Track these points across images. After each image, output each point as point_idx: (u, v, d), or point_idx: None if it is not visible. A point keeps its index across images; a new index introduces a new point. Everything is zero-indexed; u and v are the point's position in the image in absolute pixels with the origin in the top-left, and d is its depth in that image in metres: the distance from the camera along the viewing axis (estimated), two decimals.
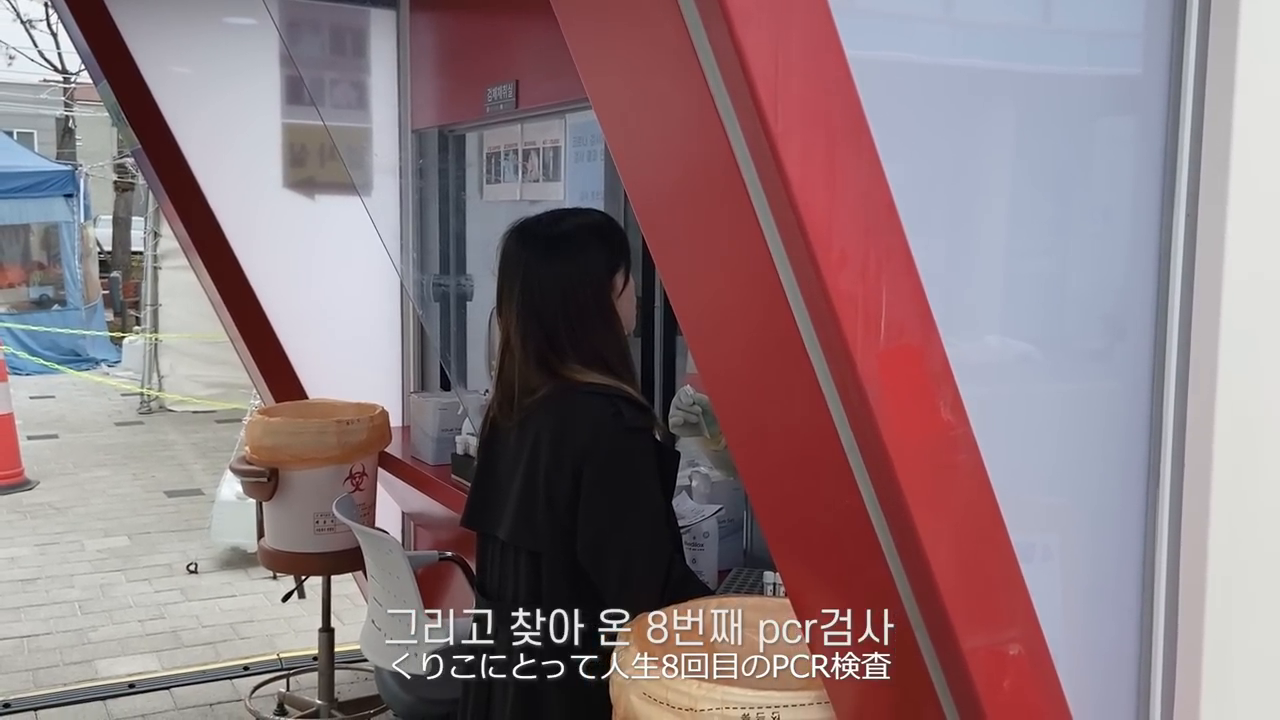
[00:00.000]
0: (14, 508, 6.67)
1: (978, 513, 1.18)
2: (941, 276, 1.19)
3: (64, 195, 12.29)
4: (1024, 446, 1.33)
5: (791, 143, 1.05)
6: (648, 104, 1.26)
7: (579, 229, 2.06)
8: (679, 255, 1.33)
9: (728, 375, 1.37)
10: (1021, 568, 1.23)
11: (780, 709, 1.49)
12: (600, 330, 1.99)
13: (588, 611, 1.95)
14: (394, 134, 4.10)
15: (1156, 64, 1.35)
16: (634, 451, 1.93)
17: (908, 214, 1.13)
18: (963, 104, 1.28)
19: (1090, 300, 1.41)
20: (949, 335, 1.17)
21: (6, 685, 4.21)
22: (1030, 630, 1.22)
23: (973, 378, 1.21)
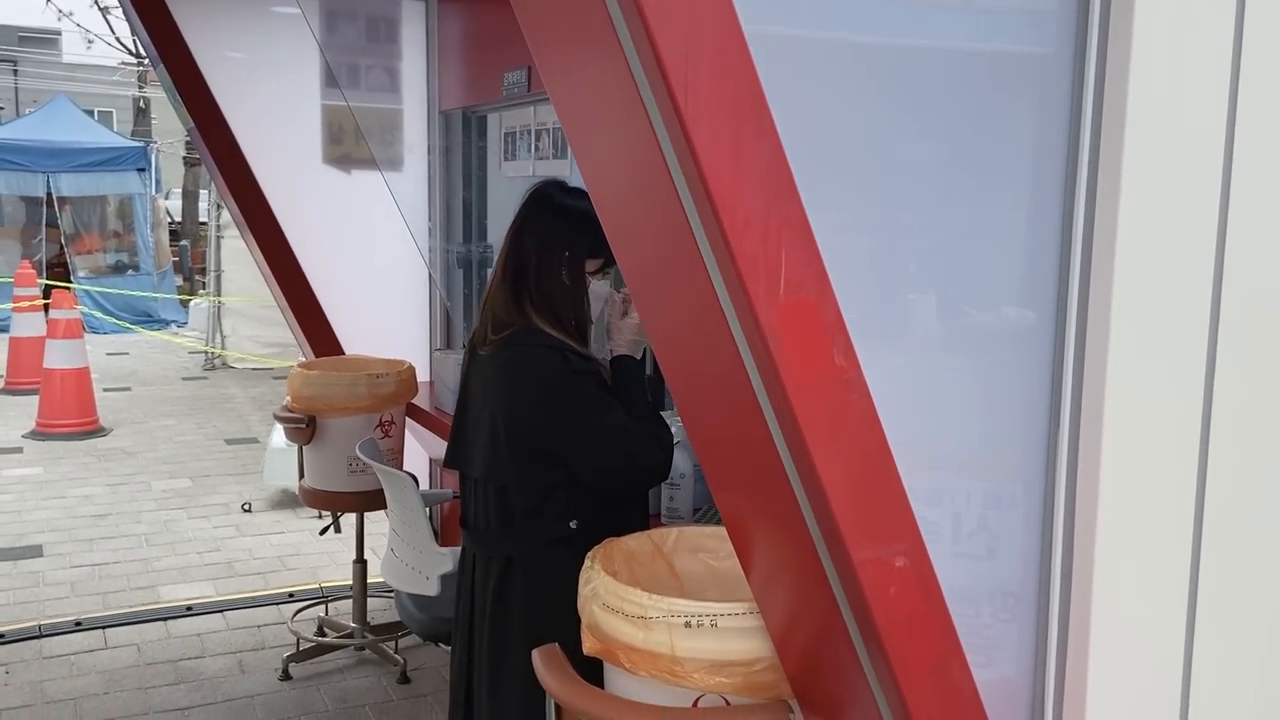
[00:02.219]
0: (90, 452, 6.89)
1: (867, 445, 1.28)
2: (841, 241, 1.27)
3: (137, 169, 12.49)
4: (926, 400, 1.40)
5: (700, 126, 1.14)
6: (588, 94, 1.35)
7: (587, 212, 2.15)
8: (621, 228, 1.43)
9: (664, 330, 1.47)
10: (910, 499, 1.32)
11: (718, 617, 1.60)
12: (563, 291, 2.19)
13: (549, 532, 2.06)
14: (423, 115, 4.19)
15: (1064, 43, 1.39)
16: (584, 385, 2.12)
17: (810, 185, 1.22)
18: (866, 78, 1.32)
19: (994, 268, 1.47)
20: (848, 294, 1.26)
21: (80, 606, 4.40)
22: (915, 547, 1.31)
23: (875, 333, 1.30)
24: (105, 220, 12.73)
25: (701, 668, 1.60)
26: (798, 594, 1.48)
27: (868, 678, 1.37)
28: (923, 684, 1.34)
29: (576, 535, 2.10)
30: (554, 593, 2.10)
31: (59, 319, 7.51)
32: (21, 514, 5.59)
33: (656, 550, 1.96)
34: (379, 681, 3.80)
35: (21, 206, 12.44)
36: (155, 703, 3.60)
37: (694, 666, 1.60)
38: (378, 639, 3.99)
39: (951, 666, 1.37)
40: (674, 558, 1.97)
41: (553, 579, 2.12)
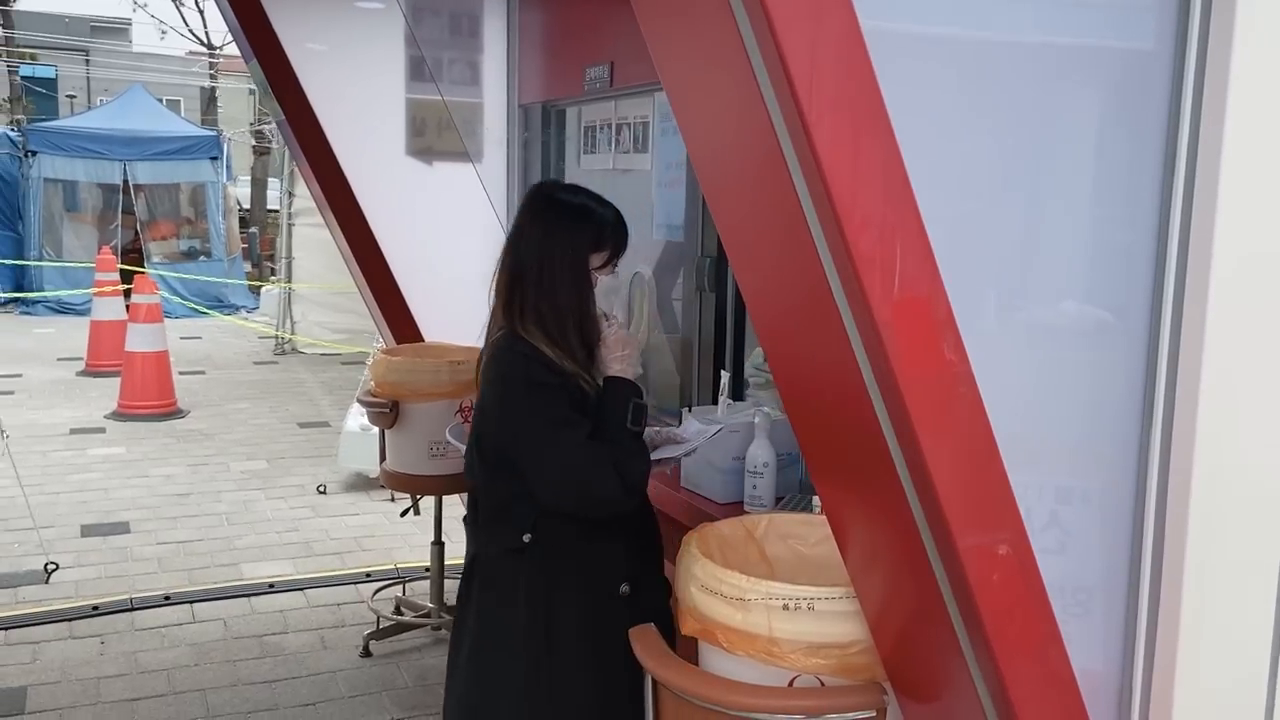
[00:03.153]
0: (169, 433, 7.12)
1: (974, 437, 1.33)
2: (951, 237, 1.32)
3: (210, 158, 12.81)
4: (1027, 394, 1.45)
5: (822, 129, 1.20)
6: (708, 92, 1.41)
7: (584, 208, 2.15)
8: (734, 221, 1.49)
9: (774, 323, 1.53)
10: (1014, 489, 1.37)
11: (815, 600, 1.67)
12: (559, 294, 2.06)
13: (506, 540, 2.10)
14: (503, 108, 4.28)
15: (1164, 39, 1.41)
16: (544, 399, 2.01)
17: (923, 184, 1.27)
18: (975, 74, 1.36)
19: (1092, 264, 1.51)
20: (957, 289, 1.31)
21: (168, 581, 4.58)
22: (1017, 536, 1.36)
23: (985, 331, 1.35)
24: (178, 207, 13.06)
25: (798, 649, 1.66)
26: (897, 579, 1.53)
27: (967, 662, 1.42)
28: (1022, 669, 1.39)
29: (530, 548, 2.07)
30: (500, 601, 2.11)
31: (140, 304, 7.75)
32: (108, 491, 5.82)
33: (748, 536, 2.03)
34: None
35: (99, 193, 12.81)
36: (243, 675, 3.75)
37: (790, 648, 1.67)
38: None
39: (1050, 653, 1.42)
40: (765, 543, 2.04)
41: (501, 587, 2.12)
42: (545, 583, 2.08)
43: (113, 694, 3.58)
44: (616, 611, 2.08)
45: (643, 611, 2.03)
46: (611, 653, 2.03)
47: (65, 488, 5.85)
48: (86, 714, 3.44)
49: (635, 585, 2.12)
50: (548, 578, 2.08)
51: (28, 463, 5.57)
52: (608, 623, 2.06)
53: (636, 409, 2.05)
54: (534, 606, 2.08)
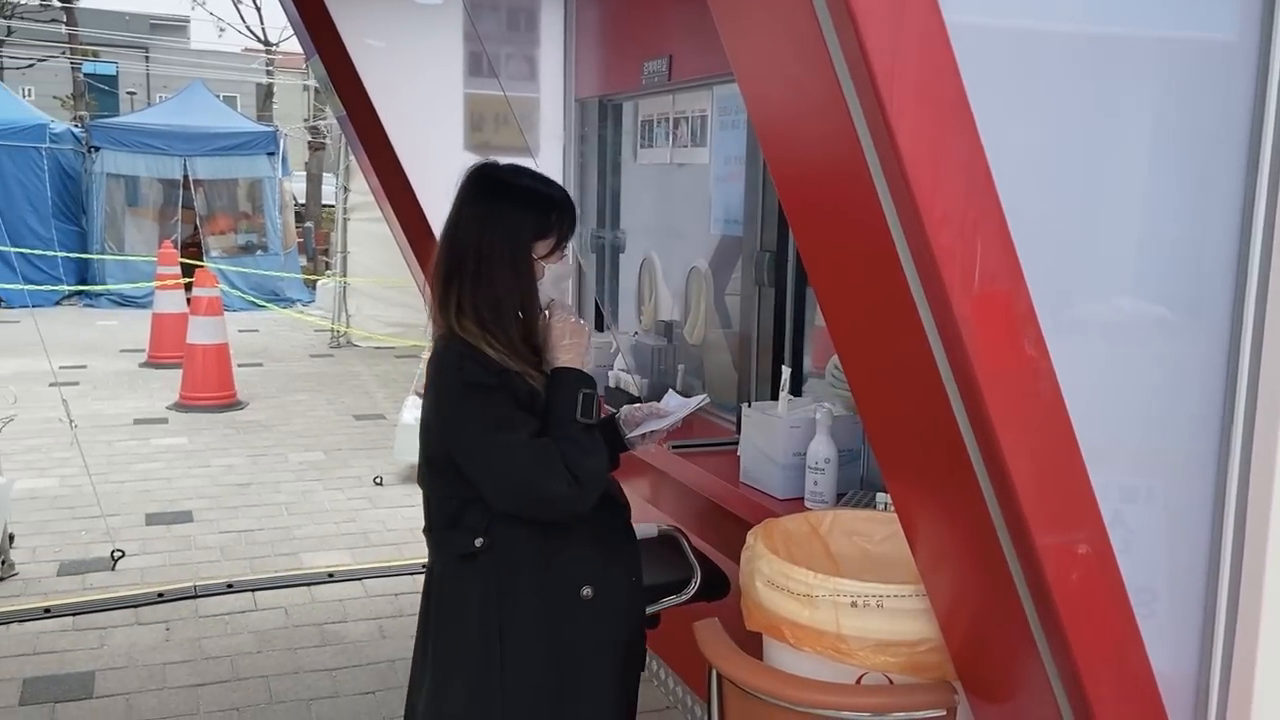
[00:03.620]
0: (229, 424, 7.25)
1: (1054, 434, 1.31)
2: (1033, 232, 1.30)
3: (267, 153, 13.00)
4: (1108, 392, 1.43)
5: (904, 122, 1.19)
6: (785, 86, 1.40)
7: (526, 190, 1.98)
8: (808, 215, 1.48)
9: (847, 319, 1.52)
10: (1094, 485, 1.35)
11: (884, 597, 1.66)
12: (497, 286, 1.91)
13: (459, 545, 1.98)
14: (559, 103, 4.29)
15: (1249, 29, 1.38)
16: (479, 399, 1.88)
17: (1005, 179, 1.25)
18: (1058, 66, 1.35)
19: (1174, 262, 1.48)
20: (1039, 284, 1.29)
21: (230, 570, 4.66)
22: (1097, 535, 1.34)
23: (1065, 327, 1.33)
24: (236, 202, 13.27)
25: (866, 646, 1.66)
26: (970, 577, 1.52)
27: (1043, 662, 1.40)
28: (1101, 670, 1.37)
29: (483, 553, 1.94)
30: (453, 615, 2.00)
31: (201, 297, 7.89)
32: (171, 481, 5.93)
33: (813, 532, 2.02)
34: None
35: (160, 188, 13.06)
36: (304, 663, 3.81)
37: (858, 645, 1.66)
38: None
39: (1130, 654, 1.39)
40: (830, 540, 2.03)
41: (454, 594, 2.00)
42: (499, 589, 1.95)
43: (178, 679, 3.65)
44: (577, 616, 1.96)
45: (610, 615, 1.98)
46: (570, 662, 1.96)
47: (130, 477, 5.97)
48: (152, 699, 3.51)
49: (600, 588, 1.97)
50: (501, 583, 1.95)
51: (94, 452, 5.70)
52: (566, 628, 1.96)
53: (586, 400, 1.92)
54: (486, 617, 1.95)
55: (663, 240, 3.96)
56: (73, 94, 21.59)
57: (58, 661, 3.73)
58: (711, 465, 2.85)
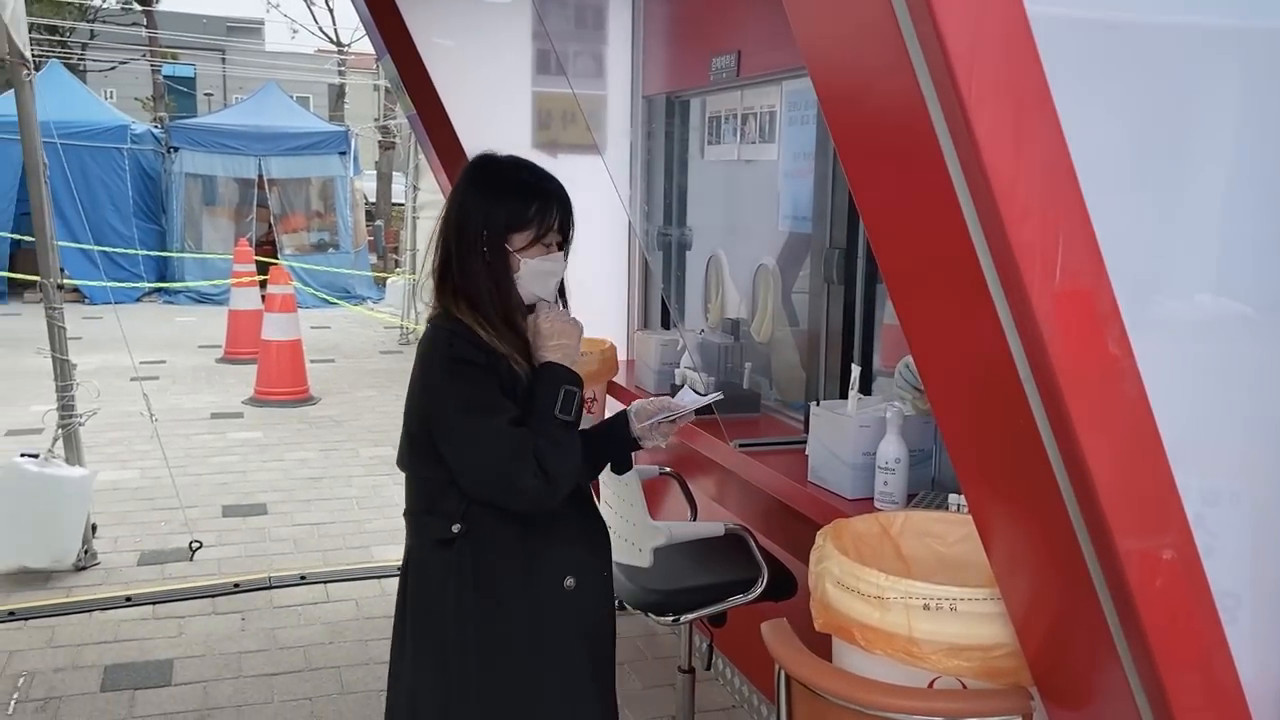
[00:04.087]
0: (302, 419, 7.39)
1: (1138, 436, 1.27)
2: (1117, 227, 1.26)
3: (338, 153, 13.23)
4: (1196, 393, 1.38)
5: (982, 113, 1.16)
6: (860, 80, 1.38)
7: (508, 182, 1.98)
8: (881, 210, 1.45)
9: (921, 316, 1.49)
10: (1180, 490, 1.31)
11: (958, 601, 1.62)
12: (479, 269, 1.93)
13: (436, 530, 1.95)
14: (626, 100, 4.30)
15: None
16: (465, 376, 1.88)
17: (1088, 172, 1.22)
18: (1145, 58, 1.31)
19: (1259, 259, 1.42)
20: (1123, 281, 1.25)
21: (303, 562, 4.75)
22: (1183, 539, 1.30)
23: (1149, 325, 1.29)
24: (309, 201, 13.53)
25: (939, 650, 1.63)
26: (1049, 582, 1.48)
27: (1124, 669, 1.36)
28: (1186, 678, 1.32)
29: (460, 539, 1.92)
30: (428, 594, 1.98)
31: (275, 294, 8.06)
32: (246, 474, 6.07)
33: (884, 533, 1.99)
34: None
35: (235, 188, 13.37)
36: (374, 655, 3.87)
37: (931, 648, 1.63)
38: None
39: (1216, 662, 1.35)
40: (901, 541, 2.00)
41: (430, 580, 1.98)
42: (475, 577, 1.93)
43: (253, 668, 3.73)
44: (560, 607, 1.96)
45: (589, 606, 1.99)
46: (551, 651, 1.95)
47: (207, 470, 6.12)
48: (228, 687, 3.59)
49: (580, 580, 1.99)
50: (479, 571, 1.93)
51: (173, 445, 5.85)
52: (549, 618, 1.95)
53: (568, 396, 1.89)
54: (462, 605, 1.93)
55: (730, 237, 3.94)
56: (152, 96, 22.21)
57: (138, 649, 3.84)
58: (779, 464, 2.83)
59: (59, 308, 4.55)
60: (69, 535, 4.46)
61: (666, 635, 3.94)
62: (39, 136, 4.38)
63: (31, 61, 4.40)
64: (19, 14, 4.14)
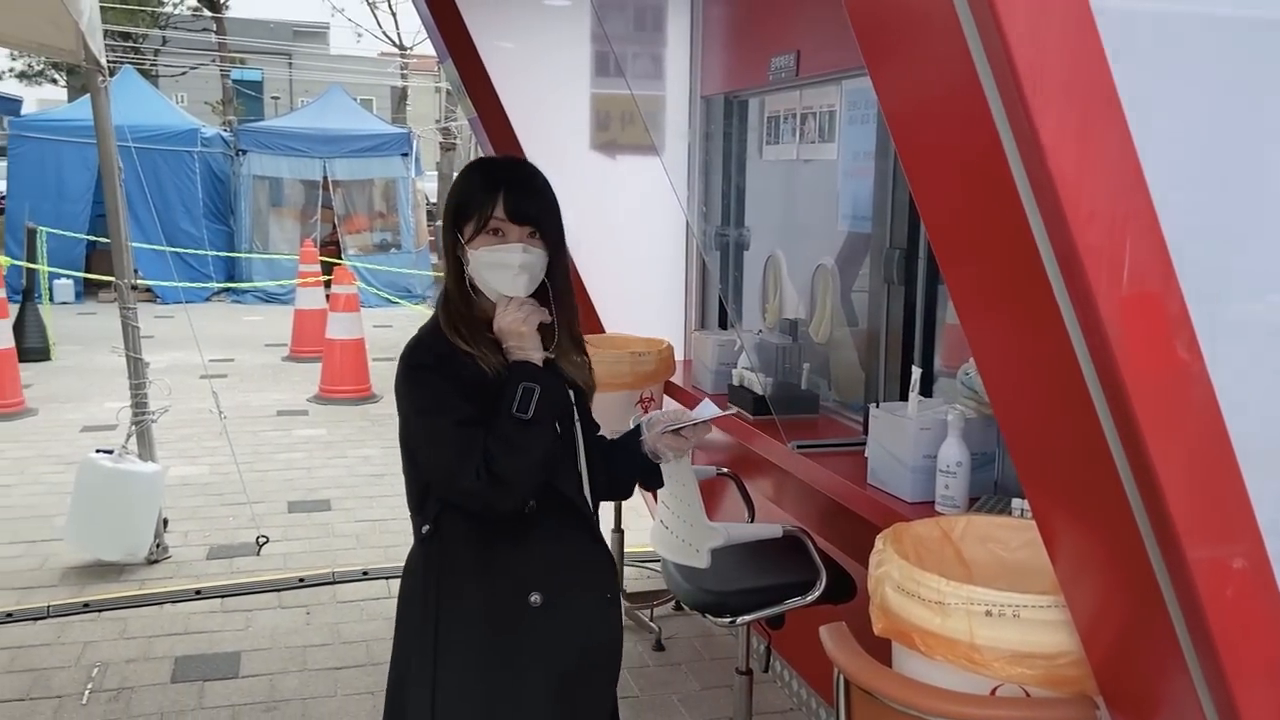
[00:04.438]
0: (364, 416, 7.51)
1: (1208, 443, 1.24)
2: (1187, 230, 1.23)
3: (401, 154, 13.41)
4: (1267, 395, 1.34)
5: (1048, 115, 1.14)
6: (921, 79, 1.37)
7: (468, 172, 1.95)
8: (942, 211, 1.44)
9: (984, 319, 1.47)
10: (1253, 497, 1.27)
11: (1021, 608, 1.60)
12: (448, 269, 1.94)
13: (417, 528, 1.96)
14: (684, 100, 4.29)
15: None
16: (410, 382, 1.87)
17: (1156, 173, 1.19)
18: (1218, 54, 1.27)
19: None
20: (1193, 286, 1.22)
21: (365, 557, 4.83)
22: (1254, 548, 1.26)
23: (1220, 329, 1.25)
24: (372, 201, 13.73)
25: (1001, 657, 1.60)
26: (1115, 590, 1.45)
27: (1193, 680, 1.33)
28: (1257, 689, 1.29)
29: (429, 539, 1.92)
30: (406, 589, 2.00)
31: (339, 293, 8.19)
32: (311, 470, 6.18)
33: (945, 537, 1.97)
34: (634, 647, 3.96)
35: (301, 189, 13.62)
36: None
37: (993, 655, 1.61)
38: (634, 606, 4.15)
39: None
40: (962, 545, 1.97)
41: (408, 575, 2.00)
42: (439, 581, 1.90)
43: (318, 662, 3.80)
44: (524, 624, 1.88)
45: (565, 630, 1.90)
46: (509, 670, 1.88)
47: (273, 466, 6.25)
48: (294, 680, 3.66)
49: (552, 598, 1.89)
50: (442, 576, 1.90)
51: (241, 442, 5.97)
52: (507, 635, 1.88)
53: (525, 393, 1.82)
54: (428, 607, 1.91)
55: (788, 237, 3.92)
56: (221, 100, 22.70)
57: (207, 641, 3.93)
58: (837, 466, 2.81)
59: (133, 307, 4.67)
60: (142, 529, 4.58)
61: (724, 636, 3.93)
62: (114, 141, 4.51)
63: (106, 68, 4.53)
64: (94, 22, 4.26)
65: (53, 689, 3.54)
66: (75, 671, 3.66)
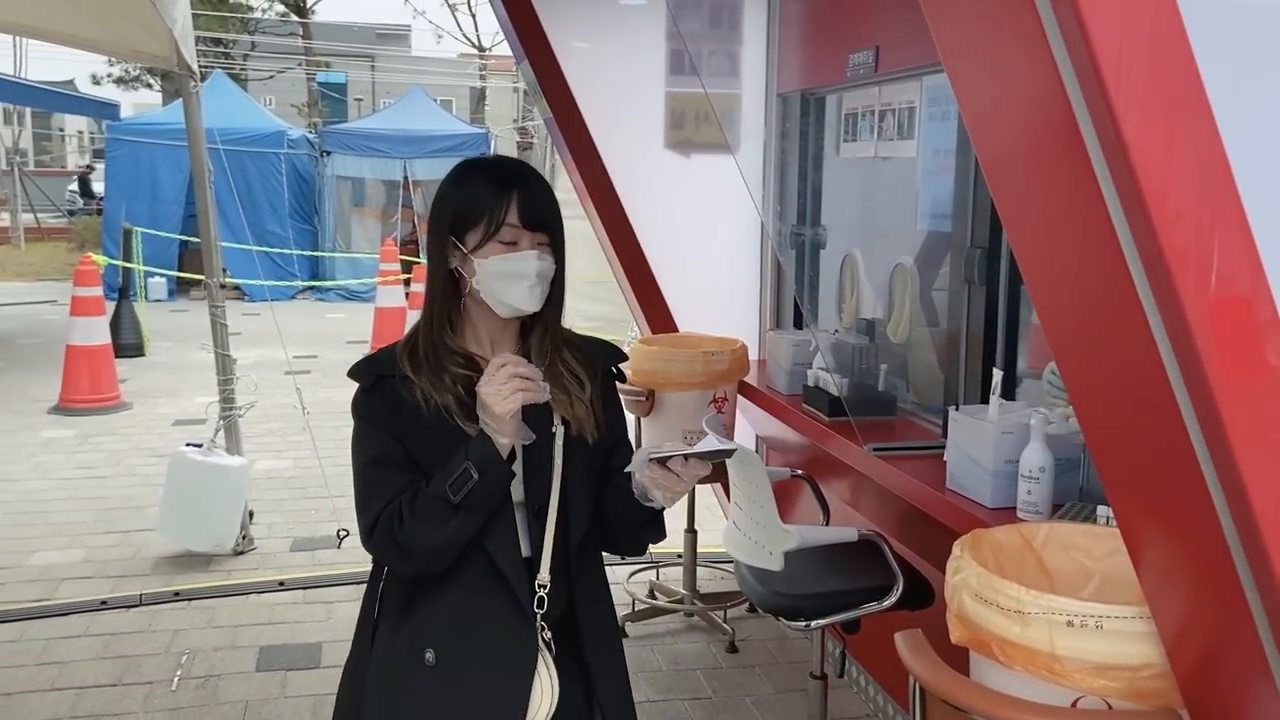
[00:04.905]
0: None
1: None
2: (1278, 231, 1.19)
3: (478, 154, 13.58)
4: None
5: (1132, 114, 1.11)
6: (998, 73, 1.34)
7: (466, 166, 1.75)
8: (1023, 211, 1.41)
9: (1066, 322, 1.43)
10: None
11: (1104, 618, 1.56)
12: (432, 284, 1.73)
13: None
14: (760, 98, 4.27)
15: None
16: (358, 407, 1.72)
17: (1246, 173, 1.15)
18: None
19: None
20: None
21: None
22: None
23: None
24: None
25: (1083, 669, 1.56)
26: (1202, 603, 1.40)
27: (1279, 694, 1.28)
28: None
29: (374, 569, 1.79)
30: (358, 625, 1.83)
31: (418, 292, 8.34)
32: None
33: (1025, 544, 1.92)
34: (708, 648, 3.96)
35: (382, 189, 13.90)
36: None
37: (1074, 666, 1.57)
38: (707, 607, 4.15)
39: None
40: (1044, 553, 1.93)
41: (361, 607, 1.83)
42: (368, 610, 1.78)
43: None
44: (415, 676, 1.68)
45: (450, 698, 1.66)
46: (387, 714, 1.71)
47: None
48: None
49: (445, 660, 1.67)
50: (368, 607, 1.78)
51: (323, 437, 6.09)
52: (399, 685, 1.69)
53: (461, 477, 1.59)
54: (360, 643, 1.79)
55: (865, 236, 3.88)
56: (307, 102, 23.24)
57: (290, 631, 4.03)
58: (915, 470, 2.77)
59: (222, 305, 4.81)
60: (228, 521, 4.72)
61: (800, 639, 3.91)
62: (204, 144, 4.65)
63: (198, 73, 4.67)
64: (187, 29, 4.40)
65: (143, 675, 3.67)
66: (165, 659, 3.79)
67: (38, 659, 3.76)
